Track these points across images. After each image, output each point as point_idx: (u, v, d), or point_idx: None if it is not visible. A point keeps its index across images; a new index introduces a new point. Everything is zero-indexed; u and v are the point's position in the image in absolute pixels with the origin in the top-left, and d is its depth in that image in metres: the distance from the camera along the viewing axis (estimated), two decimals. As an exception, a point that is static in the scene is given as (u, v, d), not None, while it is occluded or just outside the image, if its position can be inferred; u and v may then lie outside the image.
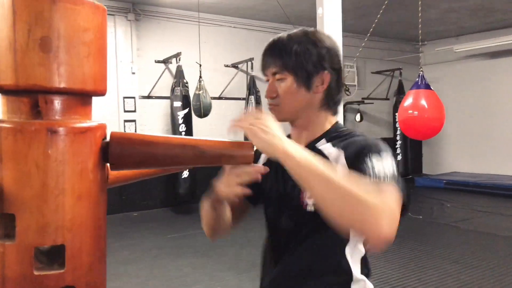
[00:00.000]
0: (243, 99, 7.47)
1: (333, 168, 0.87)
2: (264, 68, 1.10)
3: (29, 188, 0.62)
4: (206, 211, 1.08)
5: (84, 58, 0.66)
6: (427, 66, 10.12)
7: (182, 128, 6.33)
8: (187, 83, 6.51)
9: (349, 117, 9.43)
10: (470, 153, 9.44)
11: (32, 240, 0.63)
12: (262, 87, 7.79)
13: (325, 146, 1.06)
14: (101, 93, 0.71)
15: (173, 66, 6.93)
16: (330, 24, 2.95)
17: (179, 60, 6.59)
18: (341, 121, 1.23)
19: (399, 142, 9.31)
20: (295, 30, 1.09)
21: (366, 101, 9.24)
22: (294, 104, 1.07)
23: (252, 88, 7.23)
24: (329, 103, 1.07)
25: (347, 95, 3.10)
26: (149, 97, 6.96)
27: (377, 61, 9.72)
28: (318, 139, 1.08)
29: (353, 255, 1.04)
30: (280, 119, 1.07)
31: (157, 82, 6.92)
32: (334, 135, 1.07)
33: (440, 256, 4.06)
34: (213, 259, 4.03)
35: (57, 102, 0.66)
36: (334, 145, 1.05)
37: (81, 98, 0.69)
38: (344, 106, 9.39)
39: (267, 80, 1.10)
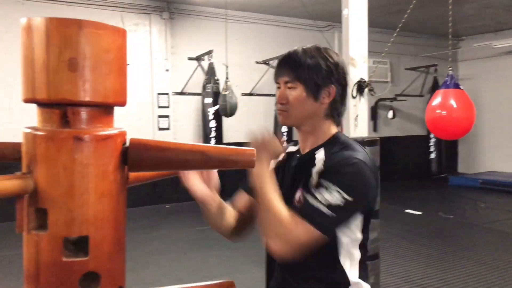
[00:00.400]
0: (273, 95, 7.54)
1: (275, 199, 1.08)
2: (277, 76, 1.21)
3: (59, 187, 0.73)
4: (209, 219, 1.22)
5: (106, 75, 0.76)
6: (464, 62, 9.85)
7: (212, 124, 6.48)
8: (218, 80, 6.64)
9: (381, 114, 9.33)
10: (508, 152, 9.14)
11: (61, 232, 0.73)
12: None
13: (321, 154, 1.17)
14: (121, 104, 0.81)
15: (205, 63, 7.08)
16: (356, 23, 2.97)
17: (211, 57, 6.73)
18: (364, 119, 1.37)
19: (432, 140, 9.14)
20: (309, 46, 1.20)
21: (399, 98, 9.11)
22: (302, 111, 1.17)
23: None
24: (333, 114, 1.18)
25: (372, 95, 3.13)
26: (182, 93, 7.15)
27: (411, 57, 9.55)
28: (318, 147, 1.18)
29: (348, 259, 1.13)
30: (287, 123, 1.21)
31: (189, 79, 7.09)
32: (332, 145, 1.16)
33: (468, 257, 4.01)
34: (239, 252, 4.14)
35: (83, 113, 0.76)
36: (328, 150, 1.17)
37: (103, 109, 0.79)
38: (376, 103, 9.30)
39: (278, 87, 1.20)
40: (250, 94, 7.71)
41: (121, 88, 0.80)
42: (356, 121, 2.90)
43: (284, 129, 6.93)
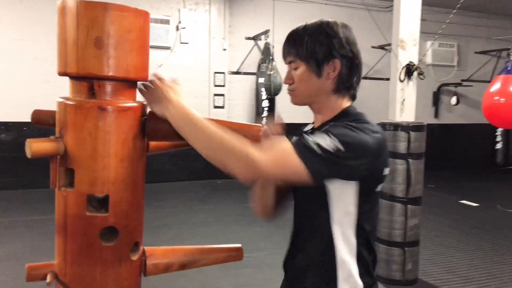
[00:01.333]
0: (330, 77, 7.46)
1: (207, 121, 0.94)
2: (283, 57, 1.19)
3: (84, 151, 0.83)
4: (255, 191, 1.23)
5: (128, 53, 0.84)
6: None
7: (265, 103, 6.54)
8: (273, 60, 6.65)
9: (444, 100, 8.91)
10: None
11: (85, 190, 0.84)
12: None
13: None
14: (142, 79, 0.90)
15: (262, 43, 7.11)
16: (407, 3, 2.85)
17: (267, 37, 6.75)
18: (411, 104, 1.28)
19: (500, 130, 8.60)
20: (312, 22, 1.17)
21: (465, 83, 8.63)
22: (307, 89, 1.15)
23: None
24: (341, 88, 1.13)
25: (421, 79, 3.00)
26: (237, 72, 7.25)
27: (482, 39, 8.97)
28: (329, 122, 1.14)
29: (345, 244, 1.08)
30: (297, 102, 1.18)
31: (245, 58, 7.17)
32: (341, 119, 1.12)
33: (522, 252, 3.82)
34: (281, 229, 4.22)
35: (107, 86, 0.85)
36: (334, 122, 1.12)
37: (126, 83, 0.87)
38: (439, 87, 8.89)
39: (287, 65, 1.19)
40: (306, 75, 7.68)
41: (142, 64, 0.89)
42: (403, 106, 2.82)
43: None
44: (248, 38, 7.20)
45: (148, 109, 0.92)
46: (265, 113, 6.77)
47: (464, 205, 5.76)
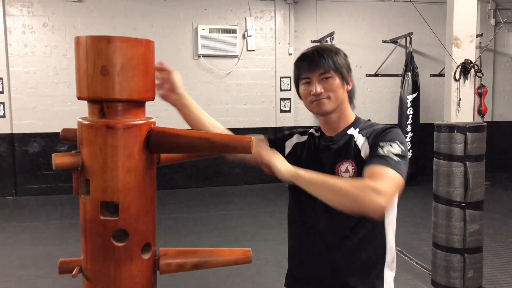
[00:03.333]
0: (400, 75, 7.20)
1: (327, 176, 1.19)
2: (308, 70, 1.34)
3: (96, 164, 0.97)
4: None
5: (131, 77, 0.97)
6: None
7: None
8: (338, 62, 6.61)
9: None
10: None
11: (98, 197, 0.98)
12: (421, 62, 7.34)
13: (354, 132, 1.35)
14: (147, 99, 1.02)
15: (327, 45, 7.09)
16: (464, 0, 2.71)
17: (333, 39, 6.72)
18: (468, 104, 1.77)
19: None
20: (326, 44, 1.44)
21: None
22: (339, 97, 1.33)
23: (409, 64, 6.92)
24: (352, 99, 1.28)
25: (479, 77, 2.85)
26: (304, 76, 7.30)
27: None
28: (348, 128, 1.35)
29: (391, 227, 1.34)
30: (329, 109, 1.34)
31: (311, 61, 7.19)
32: (360, 125, 1.35)
33: None
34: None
35: (115, 107, 0.98)
36: (360, 132, 1.34)
37: (132, 104, 1.00)
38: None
39: (307, 82, 1.34)
40: (376, 75, 7.50)
41: (145, 87, 1.00)
42: (459, 106, 2.68)
43: None
44: (314, 41, 7.22)
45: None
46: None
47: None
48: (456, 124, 2.65)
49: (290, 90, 7.25)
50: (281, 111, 7.21)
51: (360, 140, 1.30)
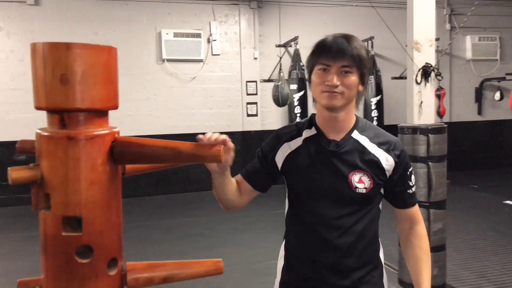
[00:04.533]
0: (363, 79, 7.37)
1: (424, 267, 1.36)
2: (332, 59, 1.23)
3: (57, 177, 0.92)
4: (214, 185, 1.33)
5: (92, 86, 0.92)
6: None
7: (298, 110, 6.56)
8: (303, 66, 6.67)
9: (488, 96, 8.55)
10: None
11: (60, 212, 0.93)
12: (383, 65, 7.52)
13: (358, 136, 1.33)
14: (111, 108, 0.98)
15: (292, 50, 7.16)
16: (421, 2, 2.79)
17: (297, 43, 6.78)
18: (430, 106, 2.30)
19: (550, 124, 8.13)
20: (353, 35, 1.30)
21: (508, 77, 8.23)
22: (351, 96, 1.26)
23: (372, 67, 7.08)
24: (358, 101, 1.26)
25: (439, 80, 2.94)
26: (269, 80, 7.33)
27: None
28: (351, 131, 1.32)
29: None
30: (338, 105, 1.26)
31: (276, 66, 7.23)
32: (360, 127, 1.33)
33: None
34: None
35: (77, 117, 0.94)
36: (363, 134, 1.33)
37: (94, 113, 0.96)
38: (482, 83, 8.54)
39: (324, 69, 1.25)
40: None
41: (109, 95, 0.96)
42: (421, 108, 2.76)
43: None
44: (278, 46, 7.27)
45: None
46: (298, 119, 6.79)
47: (508, 206, 5.51)
48: (418, 126, 2.72)
49: (256, 94, 7.26)
50: (248, 115, 7.21)
51: (377, 152, 1.31)
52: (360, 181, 1.27)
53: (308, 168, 1.32)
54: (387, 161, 1.31)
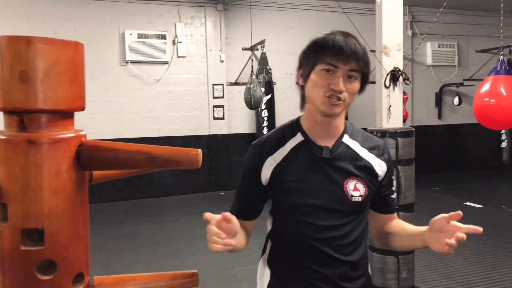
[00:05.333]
0: (328, 83, 7.45)
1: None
2: (347, 59, 1.12)
3: (16, 185, 0.83)
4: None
5: (56, 85, 0.84)
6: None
7: (265, 113, 6.54)
8: (270, 69, 6.67)
9: (447, 100, 8.84)
10: None
11: (19, 224, 0.83)
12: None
13: (348, 140, 1.27)
14: (77, 109, 0.89)
15: (259, 53, 7.14)
16: (389, 7, 2.83)
17: (263, 47, 6.77)
18: (398, 110, 2.16)
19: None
20: (349, 33, 1.20)
21: (466, 82, 8.55)
22: (351, 102, 1.18)
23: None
24: (349, 106, 1.21)
25: (407, 84, 2.99)
26: (236, 83, 7.28)
27: (482, 38, 8.89)
28: (342, 136, 1.27)
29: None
30: (337, 113, 1.18)
31: (243, 69, 7.19)
32: (349, 131, 1.28)
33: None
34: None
35: (38, 119, 0.85)
36: (352, 138, 1.28)
37: (58, 115, 0.87)
38: (441, 88, 8.82)
39: (329, 71, 1.13)
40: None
41: (75, 95, 0.88)
42: (389, 112, 2.80)
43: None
44: (245, 49, 7.23)
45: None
46: (265, 123, 6.77)
47: (469, 207, 5.69)
48: (387, 130, 2.75)
49: (223, 97, 7.19)
50: (215, 118, 7.13)
51: (369, 157, 1.26)
52: (355, 189, 1.22)
53: (300, 180, 1.22)
54: (380, 167, 1.28)
